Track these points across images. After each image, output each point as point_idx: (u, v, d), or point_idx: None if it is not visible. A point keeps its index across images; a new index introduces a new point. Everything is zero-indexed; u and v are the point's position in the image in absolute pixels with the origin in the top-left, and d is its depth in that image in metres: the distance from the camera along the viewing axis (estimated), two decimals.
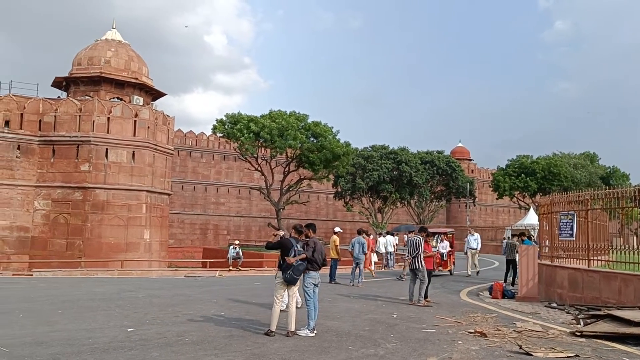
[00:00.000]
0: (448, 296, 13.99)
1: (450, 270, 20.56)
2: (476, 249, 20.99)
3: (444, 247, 20.11)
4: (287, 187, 42.27)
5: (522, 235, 16.03)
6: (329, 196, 60.14)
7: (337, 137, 40.20)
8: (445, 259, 19.99)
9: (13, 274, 20.99)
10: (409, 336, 8.29)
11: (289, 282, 8.11)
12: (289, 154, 40.99)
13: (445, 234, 21.81)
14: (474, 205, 64.90)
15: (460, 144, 78.68)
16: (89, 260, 25.63)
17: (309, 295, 8.52)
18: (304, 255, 8.22)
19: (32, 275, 20.12)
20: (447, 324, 9.46)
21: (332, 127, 40.36)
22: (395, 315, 10.45)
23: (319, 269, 8.74)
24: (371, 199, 52.09)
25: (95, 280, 18.24)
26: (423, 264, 12.10)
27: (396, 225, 56.59)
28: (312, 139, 39.64)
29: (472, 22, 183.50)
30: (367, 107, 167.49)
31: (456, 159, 60.33)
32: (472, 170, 73.62)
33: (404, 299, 12.77)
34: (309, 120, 39.90)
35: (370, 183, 48.27)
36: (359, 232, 17.51)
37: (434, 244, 18.04)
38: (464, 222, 61.37)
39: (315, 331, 8.24)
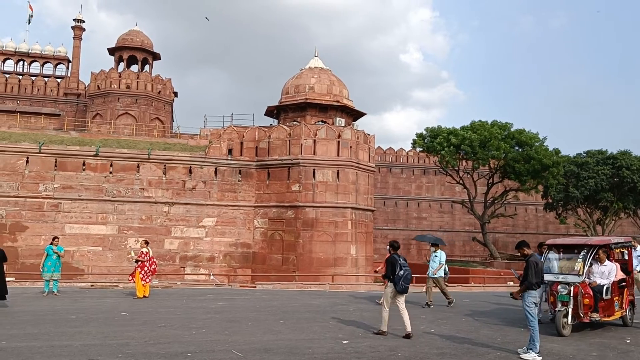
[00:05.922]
0: None
1: (622, 317, 10.82)
2: None
3: (604, 273, 10.43)
4: (491, 199, 40.60)
5: None
6: (539, 208, 56.19)
7: (544, 145, 37.61)
8: (607, 296, 10.10)
9: (240, 286, 23.38)
10: None
11: (403, 292, 9.28)
12: (492, 165, 39.38)
13: (604, 247, 10.83)
14: None
15: None
16: (302, 275, 27.40)
17: (532, 316, 7.97)
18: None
19: (255, 287, 22.18)
20: None
21: (538, 134, 37.91)
22: (628, 341, 9.29)
23: (539, 287, 8.18)
24: (588, 210, 47.27)
25: (310, 293, 19.42)
26: None
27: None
28: (516, 147, 37.66)
29: None
30: (576, 109, 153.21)
31: None
32: None
33: (638, 322, 11.27)
34: (513, 129, 38.05)
35: (585, 192, 43.75)
36: (540, 245, 12.56)
37: (577, 267, 10.14)
38: None
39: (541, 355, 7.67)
